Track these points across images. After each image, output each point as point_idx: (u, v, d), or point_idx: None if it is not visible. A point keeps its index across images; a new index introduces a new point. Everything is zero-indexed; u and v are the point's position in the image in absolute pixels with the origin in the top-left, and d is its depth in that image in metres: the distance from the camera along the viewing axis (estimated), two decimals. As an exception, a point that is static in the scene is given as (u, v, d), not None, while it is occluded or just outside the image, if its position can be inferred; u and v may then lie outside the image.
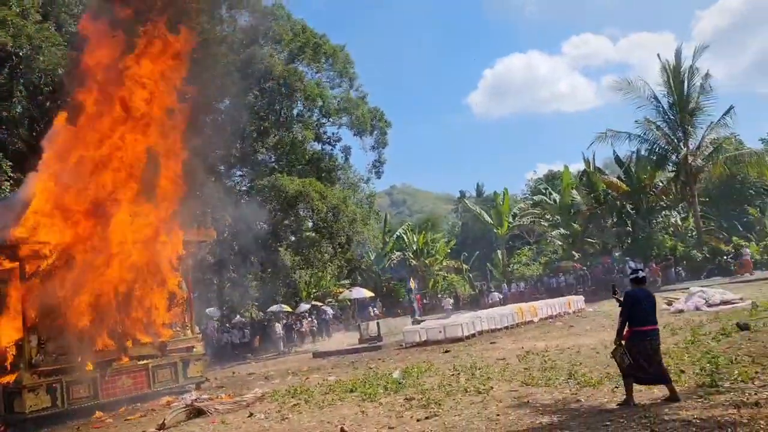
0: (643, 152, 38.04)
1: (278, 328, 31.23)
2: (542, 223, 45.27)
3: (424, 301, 43.66)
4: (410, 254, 46.32)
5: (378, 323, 23.70)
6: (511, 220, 46.43)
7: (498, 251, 49.34)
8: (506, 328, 21.37)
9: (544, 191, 47.91)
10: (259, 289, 32.27)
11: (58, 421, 13.85)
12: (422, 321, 24.40)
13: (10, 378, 13.86)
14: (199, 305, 22.06)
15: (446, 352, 17.16)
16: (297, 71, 28.73)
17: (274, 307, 36.35)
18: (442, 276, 46.96)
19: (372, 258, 46.11)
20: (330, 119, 31.85)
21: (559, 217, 42.68)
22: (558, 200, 43.13)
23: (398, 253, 48.04)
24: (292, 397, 12.39)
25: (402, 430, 8.27)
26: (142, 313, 15.72)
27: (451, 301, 39.11)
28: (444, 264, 46.91)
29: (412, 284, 36.29)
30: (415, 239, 47.35)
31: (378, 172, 32.46)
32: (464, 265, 48.83)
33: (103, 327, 15.13)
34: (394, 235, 47.94)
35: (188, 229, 17.34)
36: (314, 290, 43.25)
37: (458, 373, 12.40)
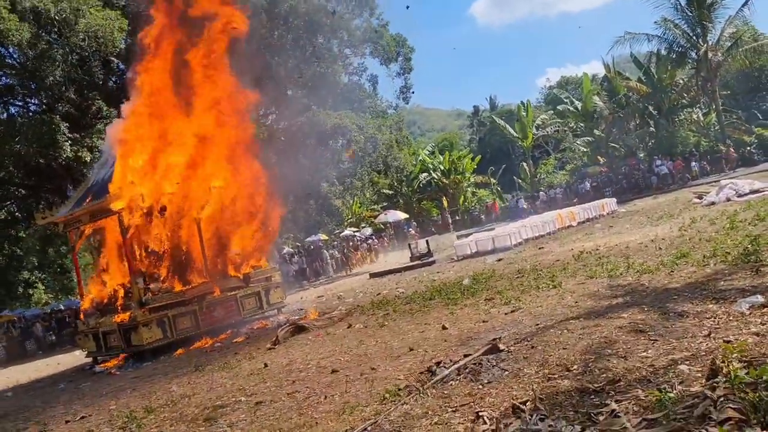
0: (662, 52, 38.47)
1: (327, 254, 33.19)
2: (566, 131, 46.23)
3: (456, 217, 45.42)
4: (438, 174, 47.62)
5: (427, 240, 25.32)
6: (534, 131, 47.34)
7: (524, 163, 50.51)
8: (549, 234, 22.95)
9: (564, 99, 48.54)
10: (304, 220, 34.01)
11: (170, 349, 15.81)
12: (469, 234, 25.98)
13: (124, 316, 15.74)
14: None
15: (500, 260, 18.79)
16: (320, 6, 29.50)
17: (312, 237, 38.31)
18: (471, 192, 48.45)
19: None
20: (354, 50, 32.71)
21: (582, 125, 43.57)
22: (580, 107, 43.89)
23: (425, 174, 49.36)
24: (378, 309, 14.12)
25: (494, 323, 9.87)
26: (228, 249, 17.48)
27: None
28: (471, 180, 48.27)
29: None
30: (441, 159, 48.55)
31: (405, 97, 33.56)
32: (492, 180, 50.15)
33: (197, 264, 16.92)
34: (419, 157, 49.09)
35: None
36: (349, 217, 45.09)
37: (522, 275, 14.00)
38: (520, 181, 50.30)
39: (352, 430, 6.36)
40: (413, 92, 34.92)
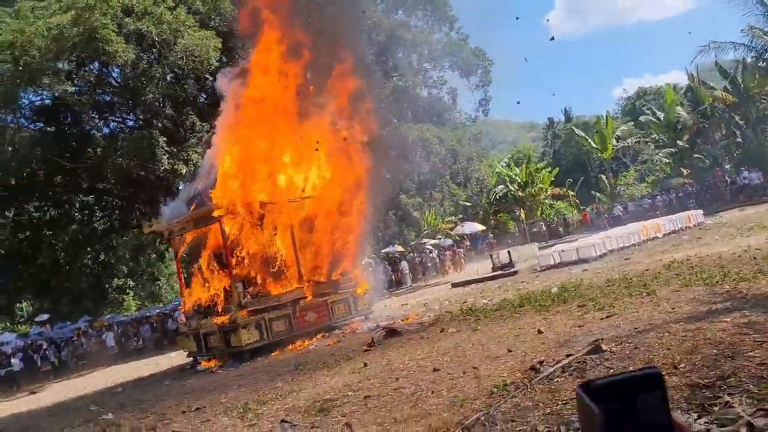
0: (750, 60, 37.40)
1: (404, 265, 33.72)
2: (647, 142, 45.40)
3: (534, 229, 45.17)
4: (514, 186, 47.51)
5: (509, 251, 25.48)
6: (614, 142, 46.66)
7: (602, 175, 49.81)
8: (634, 245, 22.76)
9: (645, 110, 47.67)
10: (383, 231, 34.67)
11: (266, 351, 16.60)
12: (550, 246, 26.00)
13: (224, 319, 16.66)
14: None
15: (585, 270, 18.83)
16: (403, 22, 30.29)
17: (389, 248, 38.87)
18: (548, 204, 48.13)
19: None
20: (434, 64, 33.34)
21: (665, 136, 42.72)
22: (662, 118, 43.04)
23: (501, 186, 49.31)
24: (468, 315, 14.49)
25: (590, 327, 10.09)
26: (321, 256, 18.26)
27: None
28: (549, 192, 47.94)
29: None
30: (517, 171, 48.43)
31: (485, 110, 33.93)
32: (570, 192, 49.61)
33: (290, 270, 17.75)
34: (495, 170, 49.11)
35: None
36: (425, 229, 45.49)
37: (612, 284, 14.09)
38: (598, 193, 49.61)
39: (465, 419, 6.78)
40: (489, 108, 35.23)
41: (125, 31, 24.89)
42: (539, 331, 10.57)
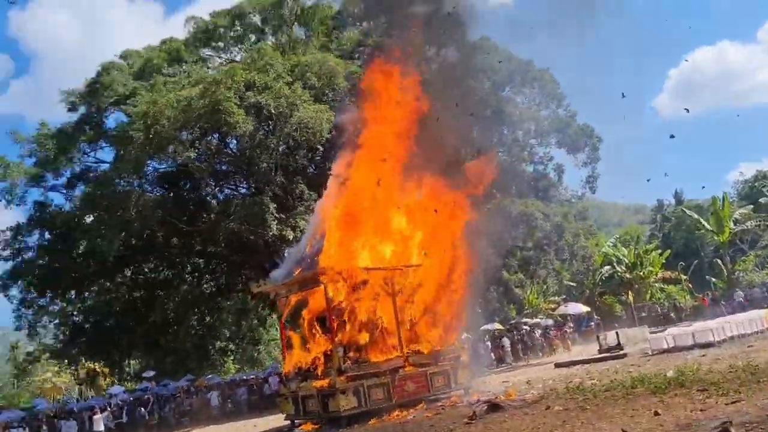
0: None
1: (506, 342, 32.81)
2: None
3: (642, 313, 43.00)
4: (622, 268, 45.74)
5: (617, 333, 24.32)
6: (732, 225, 44.29)
7: (718, 260, 47.20)
8: (757, 332, 21.18)
9: (766, 192, 45.18)
10: (484, 307, 34.05)
11: (363, 419, 16.37)
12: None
13: (323, 383, 16.67)
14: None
15: (703, 356, 17.63)
16: (510, 98, 30.66)
17: (488, 325, 37.95)
18: (658, 288, 45.86)
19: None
20: (540, 139, 33.30)
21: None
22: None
23: (607, 267, 47.58)
24: (576, 394, 13.80)
25: (714, 412, 9.34)
26: (422, 327, 18.12)
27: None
28: (659, 275, 45.75)
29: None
30: (625, 252, 46.68)
31: (592, 187, 33.28)
32: (683, 276, 47.17)
33: (391, 338, 17.65)
34: (602, 249, 47.56)
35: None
36: (526, 307, 44.26)
37: (736, 371, 13.08)
38: (713, 278, 46.91)
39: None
40: (596, 186, 34.52)
41: (245, 104, 26.47)
42: (656, 413, 9.93)
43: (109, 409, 27.03)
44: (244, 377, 38.15)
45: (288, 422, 18.18)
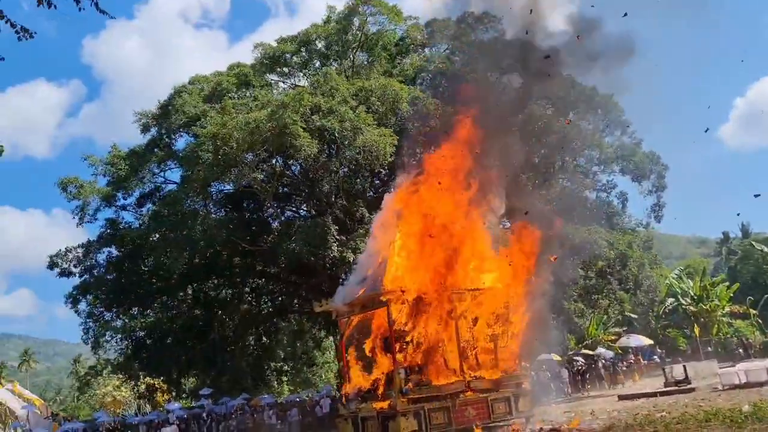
0: None
1: (564, 373, 32.14)
2: None
3: (708, 348, 41.62)
4: (687, 300, 44.46)
5: (684, 366, 23.57)
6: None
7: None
8: (837, 372, 20.19)
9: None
10: (541, 337, 33.46)
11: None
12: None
13: (384, 404, 16.64)
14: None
15: (780, 392, 16.91)
16: (575, 125, 30.41)
17: (543, 356, 37.21)
18: (726, 322, 44.31)
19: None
20: (604, 167, 32.78)
21: None
22: None
23: (671, 300, 46.31)
24: (645, 426, 13.41)
25: (799, 448, 8.97)
26: (484, 352, 17.96)
27: None
28: (726, 310, 44.26)
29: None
30: (690, 284, 45.40)
31: (657, 216, 32.49)
32: (752, 311, 45.51)
33: (452, 362, 17.53)
34: (666, 281, 46.36)
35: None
36: (586, 339, 43.32)
37: (818, 408, 12.51)
38: (786, 315, 45.27)
39: None
40: (662, 214, 33.67)
41: (310, 127, 26.99)
42: (736, 447, 9.55)
43: (176, 423, 27.70)
44: (297, 398, 38.47)
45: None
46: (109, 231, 33.42)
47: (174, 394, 44.44)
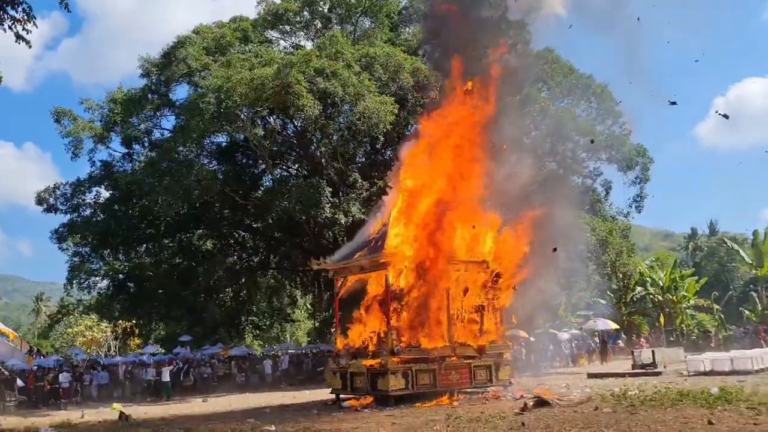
0: None
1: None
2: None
3: (671, 338, 43.25)
4: (655, 290, 45.99)
5: (653, 351, 24.82)
6: (773, 261, 44.33)
7: (753, 293, 47.30)
8: (797, 368, 21.55)
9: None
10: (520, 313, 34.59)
11: (408, 400, 17.12)
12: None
13: (375, 362, 17.51)
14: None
15: (742, 381, 18.05)
16: (570, 110, 31.17)
17: (511, 332, 38.44)
18: (690, 314, 46.03)
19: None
20: (593, 154, 33.66)
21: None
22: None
23: (640, 288, 47.82)
24: (621, 399, 14.41)
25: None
26: (471, 321, 18.91)
27: None
28: (692, 302, 45.97)
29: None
30: (661, 275, 46.90)
31: (639, 206, 33.66)
32: (715, 305, 47.33)
33: (441, 327, 18.42)
34: (637, 270, 47.73)
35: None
36: (556, 319, 44.59)
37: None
38: (747, 312, 47.03)
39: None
40: (643, 205, 34.84)
41: (314, 89, 27.31)
42: (710, 422, 10.53)
43: (172, 365, 28.53)
44: (270, 351, 39.24)
45: (333, 396, 19.04)
46: (102, 172, 33.52)
47: (147, 338, 45.03)
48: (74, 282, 33.21)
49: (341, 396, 18.77)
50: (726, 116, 23.77)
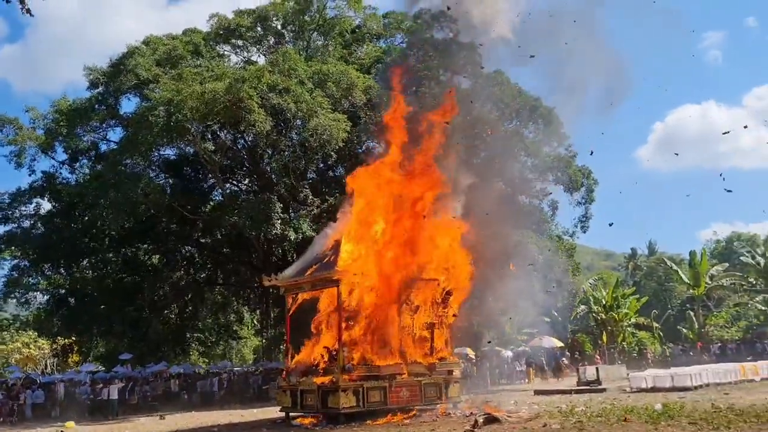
0: None
1: (485, 365, 33.76)
2: (743, 285, 44.59)
3: (615, 355, 44.31)
4: (598, 308, 47.08)
5: (597, 368, 25.38)
6: (708, 281, 46.02)
7: (690, 312, 48.94)
8: (731, 383, 22.35)
9: (745, 253, 47.10)
10: (464, 331, 34.90)
11: (359, 418, 17.07)
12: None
13: (325, 379, 17.40)
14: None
15: (683, 397, 18.65)
16: (518, 131, 31.81)
17: (458, 350, 38.80)
18: (630, 332, 47.22)
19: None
20: (539, 175, 34.35)
21: (763, 282, 41.91)
22: (762, 264, 42.36)
23: (583, 307, 48.92)
24: (569, 416, 14.70)
25: (709, 442, 10.31)
26: (420, 339, 19.03)
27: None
28: (632, 320, 47.20)
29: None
30: (604, 294, 48.08)
31: (584, 227, 34.46)
32: (655, 324, 48.75)
33: (392, 345, 18.44)
34: (581, 288, 48.84)
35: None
36: (503, 336, 45.18)
37: (719, 411, 14.08)
38: (685, 330, 48.61)
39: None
40: (588, 225, 35.77)
41: (266, 104, 27.20)
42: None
43: (121, 382, 27.74)
44: (216, 369, 38.47)
45: (283, 414, 18.81)
46: (44, 184, 32.54)
47: (87, 356, 43.60)
48: (11, 296, 32.03)
49: (291, 414, 18.58)
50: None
